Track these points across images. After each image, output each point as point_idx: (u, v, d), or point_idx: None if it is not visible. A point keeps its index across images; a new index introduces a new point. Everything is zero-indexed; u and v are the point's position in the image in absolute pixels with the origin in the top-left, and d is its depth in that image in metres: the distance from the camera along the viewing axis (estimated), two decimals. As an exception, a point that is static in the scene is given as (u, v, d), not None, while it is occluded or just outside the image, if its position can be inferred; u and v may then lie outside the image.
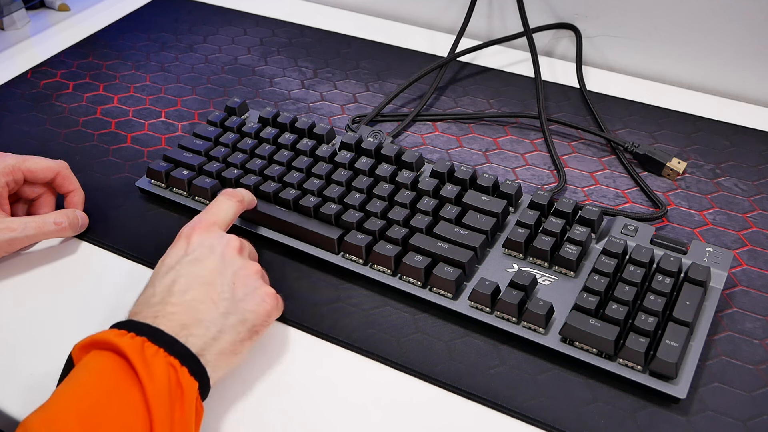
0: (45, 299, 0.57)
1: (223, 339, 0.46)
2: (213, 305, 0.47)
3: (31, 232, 0.57)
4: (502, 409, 0.49)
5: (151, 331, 0.44)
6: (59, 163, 0.62)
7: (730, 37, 0.77)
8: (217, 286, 0.48)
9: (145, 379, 0.41)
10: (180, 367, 0.43)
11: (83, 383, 0.41)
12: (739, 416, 0.48)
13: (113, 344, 0.42)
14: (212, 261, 0.49)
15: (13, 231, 0.56)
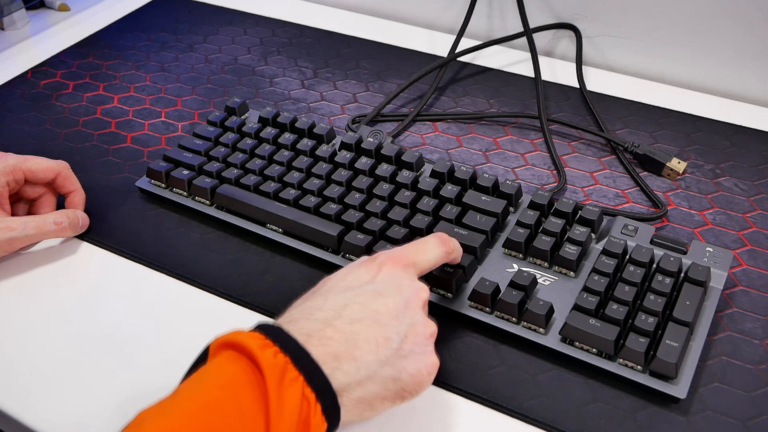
0: (45, 299, 0.57)
1: (369, 388, 0.41)
2: (375, 348, 0.42)
3: (31, 231, 0.57)
4: (502, 409, 0.49)
5: (297, 352, 0.39)
6: (60, 164, 0.62)
7: (730, 37, 0.77)
8: (389, 330, 0.42)
9: (274, 407, 0.37)
10: (315, 402, 0.39)
11: (209, 390, 0.38)
12: (739, 416, 0.48)
13: (254, 356, 0.39)
14: (394, 302, 0.44)
15: (13, 230, 0.56)
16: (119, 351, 0.53)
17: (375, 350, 0.42)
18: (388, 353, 0.42)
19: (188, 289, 0.58)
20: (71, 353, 0.53)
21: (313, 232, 0.58)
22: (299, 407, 0.38)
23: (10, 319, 0.55)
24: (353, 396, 0.41)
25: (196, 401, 0.38)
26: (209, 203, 0.63)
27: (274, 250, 0.60)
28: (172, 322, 0.55)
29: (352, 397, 0.41)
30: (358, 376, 0.41)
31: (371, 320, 0.42)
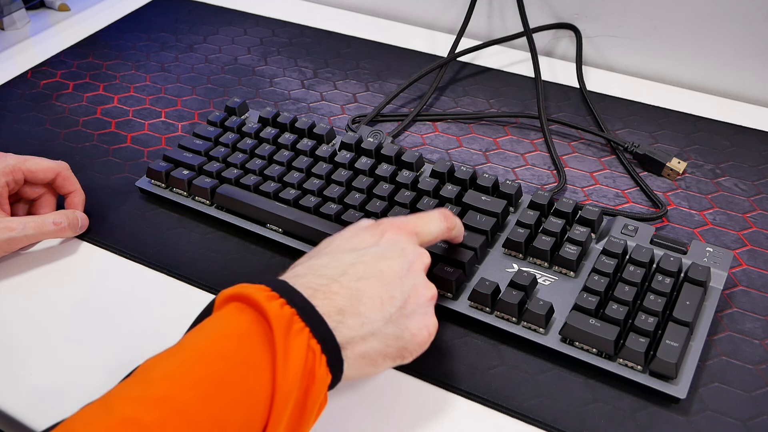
0: (45, 299, 0.57)
1: (372, 343, 0.42)
2: (380, 305, 0.43)
3: (30, 231, 0.57)
4: (502, 409, 0.49)
5: (303, 305, 0.40)
6: (60, 164, 0.62)
7: (730, 37, 0.77)
8: (393, 290, 0.44)
9: (281, 357, 0.38)
10: (320, 354, 0.40)
11: (216, 339, 0.39)
12: (739, 416, 0.48)
13: (261, 308, 0.39)
14: (398, 264, 0.45)
15: (12, 231, 0.56)
16: (119, 351, 0.53)
17: (379, 307, 0.43)
18: (392, 311, 0.43)
19: (188, 289, 0.58)
20: (71, 353, 0.53)
21: (313, 232, 0.58)
22: (305, 358, 0.39)
23: (10, 319, 0.55)
24: (357, 350, 0.42)
25: (203, 350, 0.39)
26: (209, 203, 0.63)
27: (274, 250, 0.60)
28: (172, 323, 0.55)
29: (355, 352, 0.42)
30: (362, 331, 0.42)
31: (376, 279, 0.43)
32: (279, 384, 0.38)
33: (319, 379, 0.40)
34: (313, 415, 0.40)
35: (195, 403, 0.36)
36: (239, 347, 0.39)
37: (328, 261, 0.45)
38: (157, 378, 0.37)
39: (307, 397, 0.39)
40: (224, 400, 0.37)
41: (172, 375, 0.37)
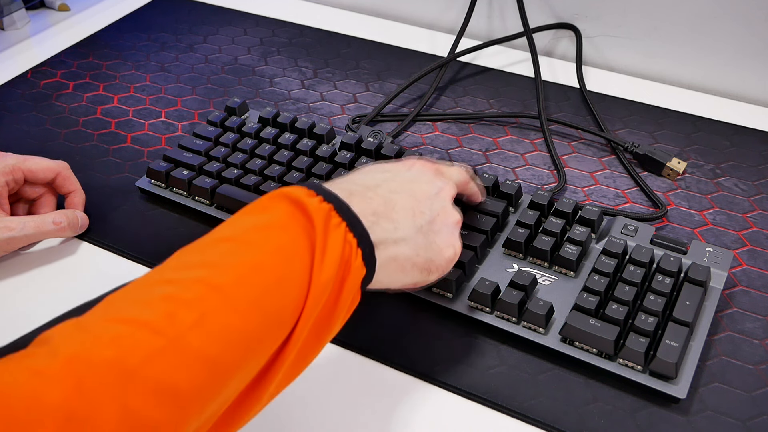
0: (45, 299, 0.57)
1: (402, 248, 0.44)
2: (411, 215, 0.45)
3: (30, 231, 0.57)
4: (502, 409, 0.49)
5: (339, 204, 0.42)
6: (60, 164, 0.62)
7: (730, 37, 0.77)
8: (423, 206, 0.46)
9: (319, 247, 0.39)
10: (356, 247, 0.41)
11: (254, 230, 0.40)
12: (739, 416, 0.48)
13: (300, 201, 0.41)
14: (429, 186, 0.48)
15: (12, 230, 0.56)
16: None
17: (411, 217, 0.45)
18: (422, 223, 0.46)
19: (188, 289, 0.58)
20: (71, 353, 0.53)
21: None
22: (342, 249, 0.40)
23: (10, 319, 0.55)
24: (389, 252, 0.44)
25: (240, 239, 0.39)
26: (209, 203, 0.63)
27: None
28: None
29: (388, 253, 0.44)
30: (395, 235, 0.44)
31: (408, 194, 0.46)
32: (316, 272, 0.39)
33: (355, 271, 0.41)
34: (345, 308, 0.41)
35: (232, 284, 0.37)
36: (279, 236, 0.39)
37: (363, 176, 0.47)
38: (193, 264, 0.38)
39: (343, 287, 0.40)
40: (263, 283, 0.37)
41: (208, 261, 0.38)
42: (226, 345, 0.35)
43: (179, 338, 0.34)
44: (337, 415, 0.49)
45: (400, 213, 0.45)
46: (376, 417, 0.49)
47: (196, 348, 0.34)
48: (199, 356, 0.34)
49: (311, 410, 0.49)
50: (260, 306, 0.37)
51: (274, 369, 0.38)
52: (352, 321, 0.54)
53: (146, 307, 0.35)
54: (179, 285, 0.36)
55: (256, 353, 0.37)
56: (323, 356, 0.52)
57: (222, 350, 0.35)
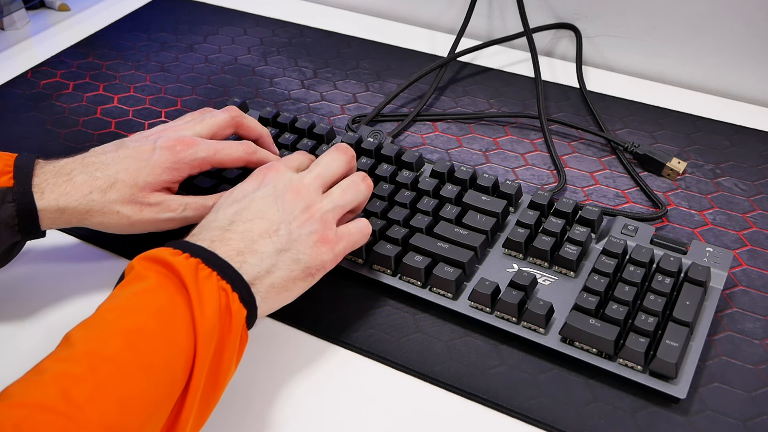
0: (45, 299, 0.57)
1: (276, 274, 0.47)
2: (269, 239, 0.47)
3: (190, 214, 0.55)
4: (502, 409, 0.49)
5: (205, 254, 0.44)
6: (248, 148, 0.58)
7: (730, 37, 0.77)
8: (276, 222, 0.48)
9: (195, 300, 0.41)
10: (231, 292, 0.43)
11: (132, 296, 0.42)
12: (739, 416, 0.48)
13: (168, 262, 0.43)
14: (272, 199, 0.49)
15: (173, 211, 0.55)
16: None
17: (270, 242, 0.47)
18: (282, 241, 0.47)
19: (188, 289, 0.58)
20: (71, 353, 0.53)
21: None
22: (218, 298, 0.42)
23: (10, 319, 0.55)
24: (265, 284, 0.46)
25: (120, 308, 0.41)
26: (209, 203, 0.63)
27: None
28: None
29: (264, 285, 0.46)
30: (264, 265, 0.46)
31: (259, 218, 0.48)
32: (199, 324, 0.41)
33: (236, 314, 0.43)
34: (235, 351, 0.43)
35: (120, 351, 0.39)
36: (155, 299, 0.41)
37: (215, 215, 0.49)
38: (81, 339, 0.39)
39: (229, 332, 0.42)
40: (149, 346, 0.39)
41: (94, 334, 0.40)
42: (126, 410, 0.37)
43: (78, 413, 0.35)
44: (336, 416, 0.49)
45: (259, 243, 0.47)
46: (375, 417, 0.49)
47: (97, 419, 0.36)
48: (101, 426, 0.36)
49: (310, 411, 0.49)
50: (151, 367, 0.39)
51: (180, 421, 0.40)
52: (351, 321, 0.54)
53: (41, 388, 0.36)
54: (70, 361, 0.38)
55: (157, 411, 0.38)
56: (323, 357, 0.53)
57: (122, 416, 0.37)
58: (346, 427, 0.48)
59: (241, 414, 0.49)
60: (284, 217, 0.48)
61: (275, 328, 0.55)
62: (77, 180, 0.52)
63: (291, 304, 0.55)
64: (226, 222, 0.48)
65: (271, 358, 0.52)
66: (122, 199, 0.53)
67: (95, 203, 0.52)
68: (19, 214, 0.51)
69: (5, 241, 0.51)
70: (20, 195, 0.50)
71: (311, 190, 0.51)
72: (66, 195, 0.51)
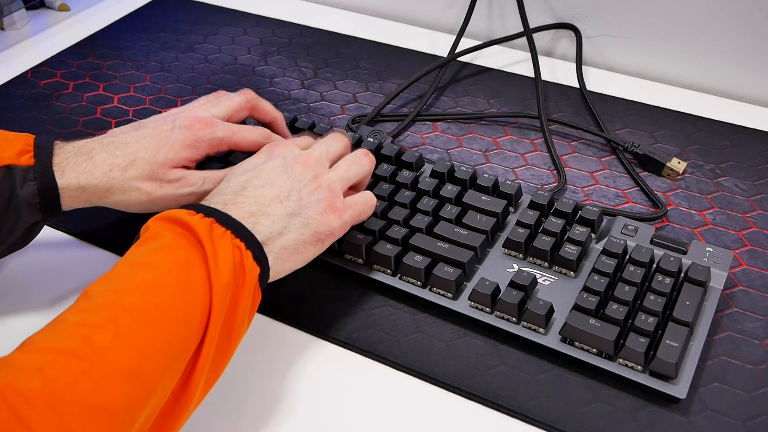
0: (45, 299, 0.57)
1: (287, 236, 0.48)
2: (280, 204, 0.49)
3: (209, 187, 0.55)
4: (502, 409, 0.49)
5: (219, 215, 0.45)
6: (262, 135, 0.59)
7: (730, 37, 0.77)
8: (286, 189, 0.50)
9: (211, 256, 0.42)
10: (245, 250, 0.44)
11: (149, 253, 0.43)
12: (739, 416, 0.48)
13: (183, 221, 0.44)
14: (282, 169, 0.51)
15: (193, 185, 0.55)
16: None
17: (281, 206, 0.49)
18: (293, 205, 0.49)
19: (188, 289, 0.58)
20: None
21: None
22: (232, 255, 0.43)
23: (10, 319, 0.55)
24: (277, 244, 0.47)
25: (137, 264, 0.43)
26: (209, 203, 0.63)
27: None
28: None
29: (276, 245, 0.47)
30: (276, 227, 0.48)
31: (270, 185, 0.50)
32: (214, 278, 0.42)
33: (250, 271, 0.44)
34: (248, 307, 0.44)
35: (139, 303, 0.40)
36: (172, 254, 0.43)
37: (227, 183, 0.51)
38: (100, 292, 0.40)
39: (243, 288, 0.44)
40: (166, 299, 0.41)
41: (113, 287, 0.41)
42: (144, 357, 0.38)
43: (99, 358, 0.37)
44: (336, 416, 0.49)
45: (271, 206, 0.48)
46: (375, 417, 0.49)
47: (117, 364, 0.37)
48: (121, 371, 0.37)
49: (310, 411, 0.49)
50: (169, 317, 0.40)
51: (195, 374, 0.41)
52: (351, 321, 0.54)
53: (63, 335, 0.38)
54: (90, 312, 0.39)
55: (174, 361, 0.40)
56: (323, 356, 0.53)
57: (141, 363, 0.38)
58: (346, 427, 0.48)
59: (241, 414, 0.49)
60: (294, 185, 0.50)
61: (275, 327, 0.55)
62: (97, 159, 0.52)
63: (291, 304, 0.56)
64: (239, 188, 0.49)
65: (271, 358, 0.52)
66: (142, 175, 0.53)
67: (116, 180, 0.52)
68: (41, 193, 0.51)
69: (26, 220, 0.51)
70: (41, 174, 0.51)
71: (319, 162, 0.53)
72: (87, 173, 0.52)
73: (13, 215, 0.50)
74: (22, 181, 0.50)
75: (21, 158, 0.51)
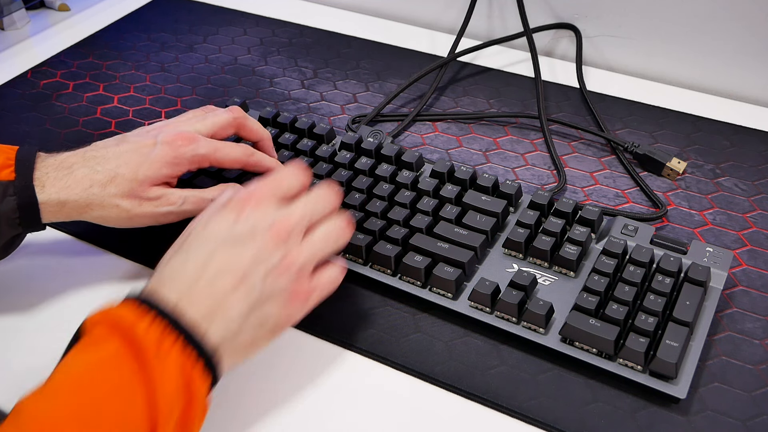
0: (45, 299, 0.57)
1: (242, 337, 0.44)
2: (242, 299, 0.44)
3: (189, 207, 0.55)
4: (502, 409, 0.49)
5: (171, 318, 0.42)
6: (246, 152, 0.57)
7: (730, 37, 0.77)
8: (250, 277, 0.45)
9: (157, 375, 0.39)
10: (195, 361, 0.41)
11: (88, 369, 0.40)
12: (739, 416, 0.48)
13: (129, 332, 0.40)
14: (252, 247, 0.45)
15: (172, 205, 0.54)
16: (119, 351, 0.53)
17: (242, 301, 0.44)
18: (254, 297, 0.44)
19: (188, 289, 0.58)
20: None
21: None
22: (181, 371, 0.40)
23: (10, 319, 0.55)
24: (230, 347, 0.44)
25: (78, 385, 0.39)
26: (209, 203, 0.63)
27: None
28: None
29: (230, 348, 0.44)
30: (232, 328, 0.44)
31: (231, 272, 0.44)
32: (160, 401, 0.39)
33: (199, 386, 0.41)
34: (197, 422, 0.42)
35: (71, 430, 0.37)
36: (113, 375, 0.39)
37: (186, 258, 0.45)
38: (31, 416, 0.37)
39: (190, 406, 0.41)
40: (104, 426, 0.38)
41: (47, 410, 0.38)
42: None
43: None
44: (336, 416, 0.49)
45: (230, 300, 0.44)
46: (375, 417, 0.49)
47: None
48: None
49: (309, 411, 0.49)
50: None
51: None
52: (351, 321, 0.54)
53: None
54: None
55: None
56: (322, 356, 0.53)
57: None
58: (346, 427, 0.48)
59: (240, 414, 0.49)
60: (259, 267, 0.45)
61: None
62: (78, 174, 0.52)
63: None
64: (197, 272, 0.44)
65: (270, 358, 0.52)
66: (122, 193, 0.53)
67: (95, 197, 0.52)
68: (20, 208, 0.51)
69: (6, 233, 0.51)
70: (21, 188, 0.50)
71: (295, 233, 0.47)
72: (67, 188, 0.52)
73: None
74: (2, 195, 0.50)
75: (2, 173, 0.51)
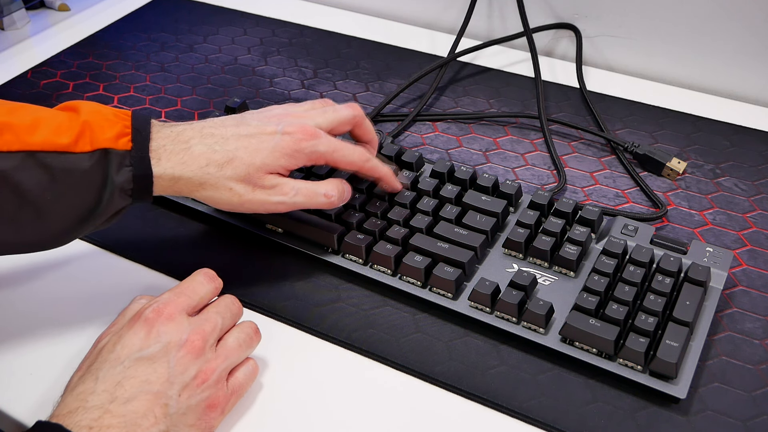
0: (45, 299, 0.57)
1: None
2: (155, 421, 0.42)
3: (300, 200, 0.54)
4: (502, 409, 0.49)
5: None
6: (362, 157, 0.56)
7: (730, 37, 0.77)
8: (163, 397, 0.43)
9: None
10: None
11: None
12: (739, 416, 0.48)
13: None
14: (164, 366, 0.44)
15: (285, 195, 0.53)
16: (119, 351, 0.53)
17: (155, 423, 0.42)
18: (168, 421, 0.43)
19: (188, 289, 0.58)
20: (71, 353, 0.53)
21: (314, 232, 0.58)
22: None
23: (11, 319, 0.55)
24: None
25: None
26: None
27: (275, 250, 0.60)
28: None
29: None
30: None
31: (144, 393, 0.43)
32: None
33: None
34: None
35: None
36: None
37: (94, 385, 0.43)
38: None
39: None
40: None
41: None
42: None
43: None
44: (336, 416, 0.49)
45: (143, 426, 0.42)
46: (375, 417, 0.49)
47: None
48: None
49: (309, 411, 0.49)
50: None
51: None
52: (351, 321, 0.54)
53: None
54: None
55: None
56: (322, 356, 0.53)
57: None
58: (346, 427, 0.48)
59: (241, 414, 0.49)
60: (173, 387, 0.44)
61: (275, 327, 0.55)
62: (195, 150, 0.51)
63: (291, 305, 0.56)
64: (107, 397, 0.42)
65: (270, 358, 0.52)
66: (237, 176, 0.51)
67: (210, 177, 0.51)
68: (135, 180, 0.49)
69: (117, 204, 0.49)
70: (138, 160, 0.49)
71: (208, 344, 0.46)
72: (182, 164, 0.50)
73: (105, 199, 0.48)
74: (118, 166, 0.48)
75: (119, 141, 0.49)
